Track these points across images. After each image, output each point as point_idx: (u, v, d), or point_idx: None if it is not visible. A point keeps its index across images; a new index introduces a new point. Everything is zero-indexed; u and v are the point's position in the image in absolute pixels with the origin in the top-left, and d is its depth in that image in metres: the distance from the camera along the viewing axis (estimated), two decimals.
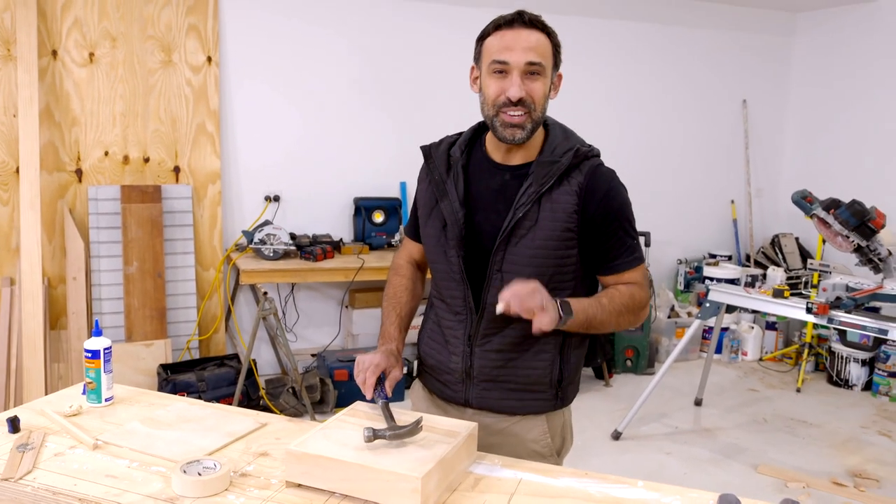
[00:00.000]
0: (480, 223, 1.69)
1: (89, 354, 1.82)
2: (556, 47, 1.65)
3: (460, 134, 1.81)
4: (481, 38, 1.66)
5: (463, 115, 3.02)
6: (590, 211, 1.64)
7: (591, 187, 1.64)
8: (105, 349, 1.83)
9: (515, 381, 1.71)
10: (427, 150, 1.80)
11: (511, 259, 1.64)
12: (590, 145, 1.72)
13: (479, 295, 1.69)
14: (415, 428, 1.51)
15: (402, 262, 1.96)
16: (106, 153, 4.27)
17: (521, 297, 1.49)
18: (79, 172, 4.23)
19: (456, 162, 1.73)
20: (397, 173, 4.93)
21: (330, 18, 4.72)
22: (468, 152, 1.77)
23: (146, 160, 4.35)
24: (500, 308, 1.50)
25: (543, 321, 1.49)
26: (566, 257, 1.65)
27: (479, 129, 1.80)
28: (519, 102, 1.59)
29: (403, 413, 1.64)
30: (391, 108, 4.89)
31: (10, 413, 1.73)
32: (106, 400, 1.85)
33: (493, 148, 1.73)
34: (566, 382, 1.75)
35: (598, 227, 1.65)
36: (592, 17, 5.43)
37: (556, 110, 1.73)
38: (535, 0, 5.11)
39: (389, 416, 1.56)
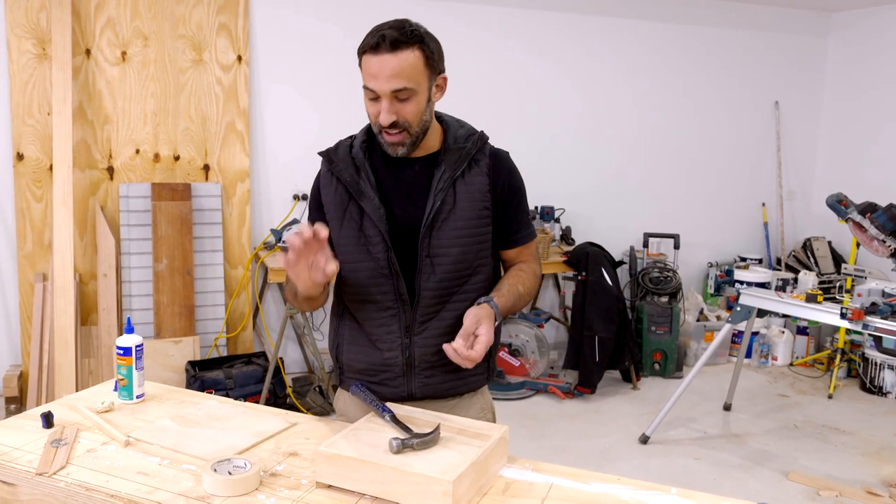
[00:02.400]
0: (398, 216, 1.72)
1: (121, 351, 1.83)
2: (429, 56, 1.63)
3: (352, 137, 1.83)
4: (359, 54, 1.66)
5: (479, 113, 3.01)
6: (498, 189, 1.76)
7: (498, 168, 1.77)
8: (137, 346, 1.84)
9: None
10: (327, 155, 1.82)
11: (437, 244, 1.70)
12: (480, 130, 1.81)
13: (411, 284, 1.72)
14: (438, 434, 1.51)
15: None
16: (137, 151, 4.31)
17: (463, 357, 1.57)
18: (110, 170, 4.27)
19: (362, 162, 1.75)
20: None
21: (359, 19, 4.72)
22: (368, 152, 1.78)
23: (176, 158, 4.38)
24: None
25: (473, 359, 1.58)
26: (485, 234, 1.76)
27: (371, 129, 1.80)
28: (393, 125, 1.63)
29: (419, 412, 1.65)
30: None
31: (45, 408, 1.74)
32: (137, 397, 1.86)
33: None
34: (494, 352, 1.85)
35: (506, 204, 1.78)
36: (622, 18, 5.38)
37: (588, 109, 1.71)
38: (562, 0, 5.12)
39: (404, 427, 1.55)
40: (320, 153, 1.84)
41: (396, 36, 1.59)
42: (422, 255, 1.70)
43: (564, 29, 5.24)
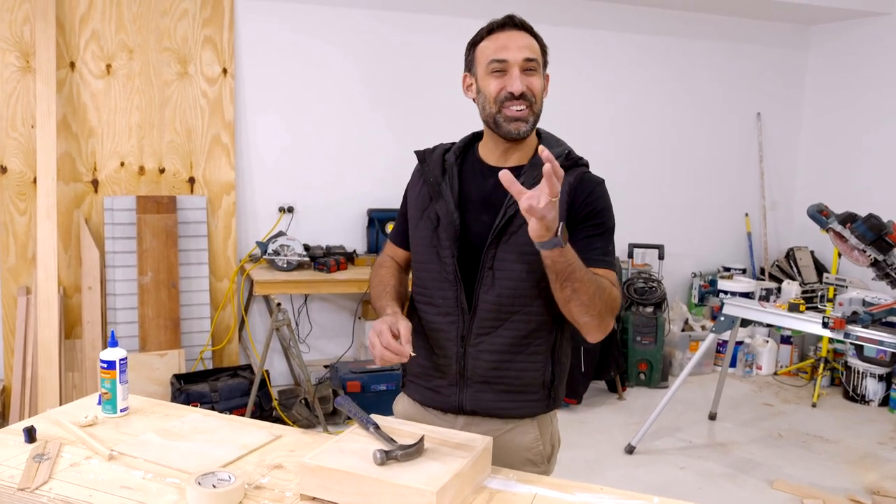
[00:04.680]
0: (470, 224, 1.72)
1: (105, 365, 1.83)
2: (543, 48, 1.73)
3: (454, 143, 1.86)
4: (473, 45, 1.74)
5: (462, 123, 3.00)
6: (575, 208, 1.68)
7: (580, 188, 1.69)
8: (121, 360, 1.84)
9: (509, 382, 1.72)
10: (422, 154, 1.85)
11: (502, 256, 1.67)
12: (579, 155, 1.77)
13: (471, 294, 1.71)
14: (422, 446, 1.52)
15: (384, 259, 1.96)
16: (122, 164, 4.30)
17: (541, 208, 1.39)
18: (95, 183, 4.26)
19: (451, 166, 1.78)
20: None
21: (344, 33, 4.74)
22: (462, 158, 1.81)
23: (161, 171, 4.37)
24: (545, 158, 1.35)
25: (533, 218, 1.41)
26: None
27: (473, 139, 1.85)
28: (521, 97, 1.65)
29: (402, 423, 1.66)
30: (405, 121, 4.90)
31: (27, 423, 1.73)
32: (121, 410, 1.85)
33: (489, 151, 1.77)
34: (557, 383, 1.78)
35: (579, 224, 1.68)
36: (603, 30, 5.43)
37: (569, 122, 1.73)
38: (548, 12, 5.17)
39: (388, 439, 1.55)
40: (416, 152, 1.86)
41: (522, 20, 1.71)
42: (484, 265, 1.69)
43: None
